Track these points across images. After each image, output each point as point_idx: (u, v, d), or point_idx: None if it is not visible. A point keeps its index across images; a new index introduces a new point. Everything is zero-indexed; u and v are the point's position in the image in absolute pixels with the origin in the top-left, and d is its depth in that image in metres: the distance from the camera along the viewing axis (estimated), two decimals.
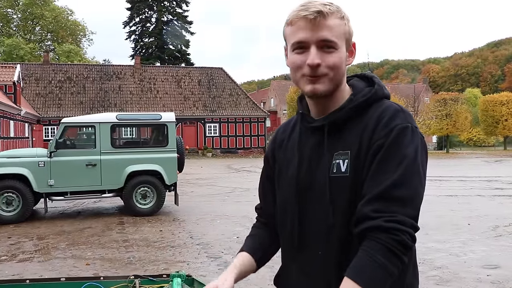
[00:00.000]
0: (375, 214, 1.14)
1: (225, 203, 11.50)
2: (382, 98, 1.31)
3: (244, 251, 1.47)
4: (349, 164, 1.24)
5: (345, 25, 1.27)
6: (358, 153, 1.23)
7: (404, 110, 1.26)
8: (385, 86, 1.34)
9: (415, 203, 1.17)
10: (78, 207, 11.25)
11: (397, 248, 1.12)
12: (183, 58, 55.04)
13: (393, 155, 1.18)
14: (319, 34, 1.22)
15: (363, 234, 1.16)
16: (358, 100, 1.28)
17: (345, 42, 1.27)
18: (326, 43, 1.23)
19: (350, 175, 1.23)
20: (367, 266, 1.11)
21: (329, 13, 1.23)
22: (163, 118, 9.93)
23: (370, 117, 1.25)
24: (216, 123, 39.80)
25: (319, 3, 1.24)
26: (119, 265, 5.98)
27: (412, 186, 1.17)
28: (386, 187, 1.15)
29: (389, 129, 1.20)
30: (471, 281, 5.19)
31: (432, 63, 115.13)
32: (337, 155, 1.26)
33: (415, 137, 1.21)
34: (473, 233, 7.74)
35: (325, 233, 1.28)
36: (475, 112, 55.17)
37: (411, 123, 1.22)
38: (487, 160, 31.81)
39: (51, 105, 36.37)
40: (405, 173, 1.16)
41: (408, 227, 1.14)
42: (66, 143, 9.64)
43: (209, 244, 7.15)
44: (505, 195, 12.67)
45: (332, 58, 1.24)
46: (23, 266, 5.99)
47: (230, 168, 25.00)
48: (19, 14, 54.82)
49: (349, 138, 1.26)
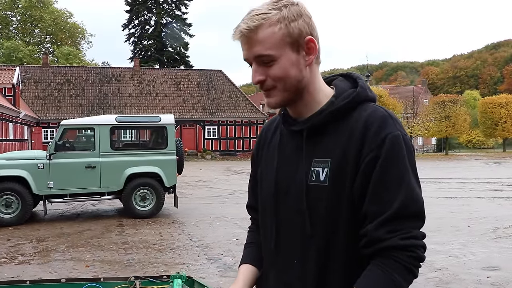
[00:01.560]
0: (390, 234, 1.12)
1: (224, 205, 11.50)
2: (364, 101, 1.22)
3: (247, 264, 1.41)
4: (328, 174, 1.18)
5: (285, 27, 1.16)
6: (340, 162, 1.17)
7: (391, 115, 1.19)
8: (370, 88, 1.26)
9: (422, 214, 1.16)
10: (78, 209, 11.23)
11: (414, 265, 1.12)
12: (182, 61, 55.04)
13: (393, 170, 1.14)
14: (253, 50, 1.18)
15: (376, 253, 1.14)
16: (339, 104, 1.21)
17: (289, 45, 1.17)
18: (261, 58, 1.18)
19: (329, 185, 1.18)
20: (381, 283, 1.10)
21: (257, 26, 1.15)
22: (162, 120, 9.92)
23: (355, 123, 1.18)
24: (215, 126, 39.81)
25: (248, 17, 1.17)
26: (118, 267, 5.97)
27: (418, 200, 1.15)
28: (397, 209, 1.12)
29: (381, 139, 1.14)
30: (471, 282, 5.19)
31: (431, 65, 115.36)
32: (316, 162, 1.20)
33: (407, 146, 1.17)
34: (472, 235, 7.74)
35: (300, 242, 1.23)
36: (474, 114, 55.26)
37: (400, 131, 1.17)
38: (486, 162, 31.83)
39: (50, 108, 36.38)
40: (411, 189, 1.14)
41: (421, 239, 1.14)
42: (66, 145, 9.63)
43: (209, 246, 7.15)
44: (505, 197, 12.68)
45: (273, 71, 1.18)
46: (22, 268, 5.98)
47: (229, 171, 24.99)
48: (18, 17, 54.86)
49: (330, 145, 1.20)
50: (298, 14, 1.17)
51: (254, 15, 1.16)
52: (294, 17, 1.17)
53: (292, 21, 1.16)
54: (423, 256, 1.13)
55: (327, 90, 1.27)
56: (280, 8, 1.17)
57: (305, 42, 1.19)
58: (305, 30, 1.18)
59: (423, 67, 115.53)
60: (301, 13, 1.18)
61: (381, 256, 1.12)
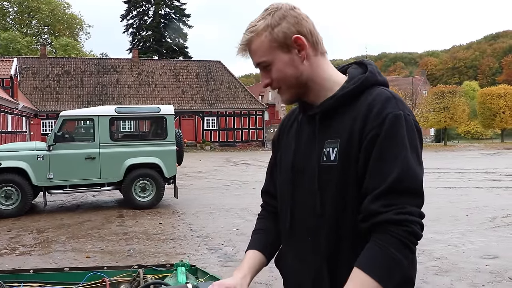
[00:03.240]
0: (385, 208, 1.15)
1: (224, 196, 11.52)
2: (373, 85, 1.29)
3: (255, 250, 1.47)
4: (337, 153, 1.25)
5: (269, 34, 1.27)
6: (347, 141, 1.24)
7: (395, 96, 1.25)
8: (380, 73, 1.33)
9: (420, 192, 1.19)
10: (77, 200, 11.25)
11: (409, 240, 1.15)
12: (181, 52, 54.87)
13: (391, 147, 1.18)
14: (254, 60, 1.32)
15: (373, 228, 1.18)
16: (348, 88, 1.28)
17: (279, 48, 1.28)
18: (261, 65, 1.32)
19: (338, 164, 1.25)
20: (379, 259, 1.14)
21: (249, 39, 1.29)
22: (162, 111, 9.91)
23: (361, 105, 1.25)
24: (214, 117, 39.76)
25: (244, 33, 1.31)
26: (119, 258, 6.00)
27: (415, 177, 1.18)
28: (392, 183, 1.16)
29: (382, 118, 1.20)
30: (470, 271, 5.22)
31: (430, 56, 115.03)
32: (328, 143, 1.28)
33: (409, 125, 1.21)
34: (471, 224, 7.79)
35: (312, 221, 1.30)
36: (472, 105, 55.23)
37: (403, 110, 1.21)
38: (485, 152, 31.89)
39: (48, 99, 36.27)
40: (407, 165, 1.17)
41: (417, 216, 1.16)
42: (65, 136, 9.61)
43: (209, 236, 7.17)
44: (503, 186, 12.72)
45: (273, 74, 1.31)
46: (23, 259, 6.01)
47: (228, 161, 25.00)
48: (15, 7, 54.49)
49: (339, 126, 1.27)
50: (281, 18, 1.27)
51: (246, 30, 1.30)
52: (277, 22, 1.27)
53: (275, 27, 1.27)
54: (419, 232, 1.16)
55: (338, 78, 1.35)
56: (265, 17, 1.28)
57: (293, 41, 1.27)
58: (290, 31, 1.27)
59: (422, 58, 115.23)
60: (284, 16, 1.27)
61: (378, 231, 1.17)
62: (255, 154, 31.19)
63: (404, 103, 1.24)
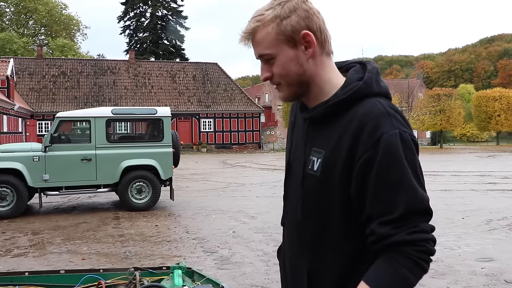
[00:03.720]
0: (396, 230, 1.12)
1: (220, 198, 11.50)
2: (367, 96, 1.20)
3: None
4: (321, 164, 1.22)
5: (276, 26, 1.19)
6: (332, 155, 1.20)
7: (389, 112, 1.16)
8: (378, 80, 1.24)
9: (428, 210, 1.15)
10: (73, 202, 11.21)
11: (423, 259, 1.12)
12: (177, 53, 54.85)
13: (392, 172, 1.12)
14: (256, 51, 1.25)
15: (386, 249, 1.14)
16: (340, 97, 1.21)
17: (285, 42, 1.20)
18: (263, 57, 1.24)
19: (320, 176, 1.22)
20: (389, 277, 1.11)
21: (254, 28, 1.22)
22: (158, 112, 9.88)
23: (351, 118, 1.17)
24: (211, 119, 39.75)
25: (249, 20, 1.24)
26: (115, 260, 5.97)
27: (422, 199, 1.14)
28: (401, 211, 1.11)
29: (376, 139, 1.12)
30: (466, 273, 5.24)
31: (426, 59, 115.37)
32: (314, 152, 1.25)
33: (406, 144, 1.14)
34: (467, 227, 7.80)
35: (296, 224, 1.32)
36: (468, 108, 55.45)
37: (398, 128, 1.14)
38: (480, 155, 31.99)
39: (44, 100, 36.17)
40: (413, 188, 1.13)
41: (429, 232, 1.14)
42: (61, 137, 9.57)
43: (205, 238, 7.16)
44: (498, 189, 12.76)
45: (275, 68, 1.24)
46: (18, 261, 5.97)
47: (225, 163, 24.98)
48: (12, 8, 54.33)
49: (326, 136, 1.22)
50: (291, 10, 1.19)
51: (252, 18, 1.23)
52: (286, 14, 1.19)
53: (284, 19, 1.19)
54: (432, 249, 1.14)
55: (336, 81, 1.27)
56: (275, 7, 1.20)
57: (301, 36, 1.20)
58: (299, 25, 1.19)
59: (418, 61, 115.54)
60: (295, 8, 1.19)
61: (389, 250, 1.13)
62: (252, 156, 31.19)
63: (399, 117, 1.17)
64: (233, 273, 5.27)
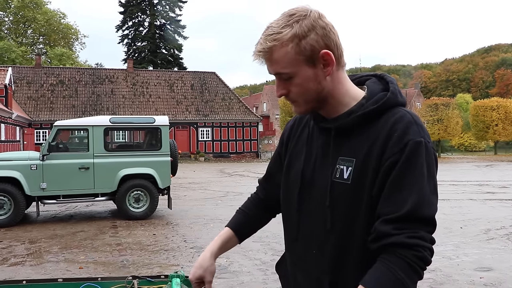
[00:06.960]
0: (396, 231, 1.13)
1: (218, 207, 11.48)
2: (394, 106, 1.24)
3: (232, 229, 1.60)
4: (352, 173, 1.22)
5: (296, 46, 1.18)
6: (363, 163, 1.21)
7: (417, 122, 1.21)
8: (401, 93, 1.29)
9: (433, 220, 1.17)
10: (71, 210, 11.17)
11: (418, 265, 1.13)
12: (175, 63, 54.96)
13: (409, 175, 1.15)
14: (272, 68, 1.23)
15: (383, 249, 1.15)
16: (368, 108, 1.23)
17: (304, 62, 1.20)
18: (280, 75, 1.23)
19: (351, 184, 1.22)
20: (386, 279, 1.11)
21: (271, 47, 1.19)
22: (156, 121, 9.90)
23: (381, 127, 1.21)
24: (208, 128, 39.75)
25: (263, 37, 1.20)
26: (112, 269, 5.95)
27: (429, 206, 1.16)
28: (406, 211, 1.13)
29: (403, 144, 1.16)
30: (464, 283, 5.23)
31: (423, 69, 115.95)
32: (342, 160, 1.25)
33: (428, 152, 1.18)
34: (465, 236, 7.80)
35: (320, 234, 1.29)
36: (466, 117, 55.58)
37: (423, 137, 1.18)
38: (478, 164, 32.03)
39: (42, 109, 36.13)
40: (423, 193, 1.15)
41: (429, 242, 1.15)
42: (59, 146, 9.55)
43: (203, 247, 7.13)
44: (496, 199, 12.77)
45: (293, 88, 1.24)
46: (15, 270, 5.94)
47: (222, 173, 24.95)
48: (11, 17, 54.54)
49: (356, 146, 1.23)
50: (309, 29, 1.18)
51: (268, 36, 1.19)
52: (305, 33, 1.17)
53: (303, 38, 1.17)
54: (429, 258, 1.14)
55: (355, 92, 1.30)
56: (292, 25, 1.18)
57: (320, 56, 1.20)
58: (318, 44, 1.19)
59: (416, 71, 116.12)
60: (313, 26, 1.18)
61: (386, 252, 1.14)
62: (249, 166, 31.17)
63: (425, 128, 1.21)
64: (231, 282, 5.25)
